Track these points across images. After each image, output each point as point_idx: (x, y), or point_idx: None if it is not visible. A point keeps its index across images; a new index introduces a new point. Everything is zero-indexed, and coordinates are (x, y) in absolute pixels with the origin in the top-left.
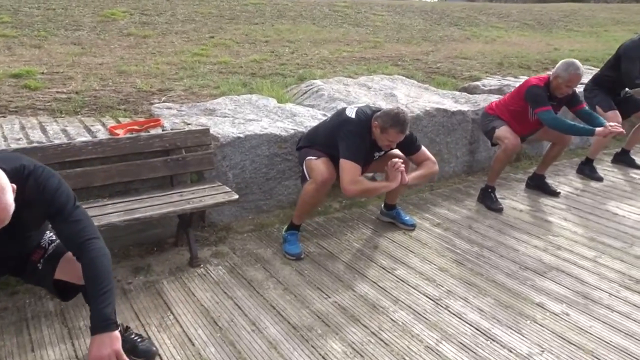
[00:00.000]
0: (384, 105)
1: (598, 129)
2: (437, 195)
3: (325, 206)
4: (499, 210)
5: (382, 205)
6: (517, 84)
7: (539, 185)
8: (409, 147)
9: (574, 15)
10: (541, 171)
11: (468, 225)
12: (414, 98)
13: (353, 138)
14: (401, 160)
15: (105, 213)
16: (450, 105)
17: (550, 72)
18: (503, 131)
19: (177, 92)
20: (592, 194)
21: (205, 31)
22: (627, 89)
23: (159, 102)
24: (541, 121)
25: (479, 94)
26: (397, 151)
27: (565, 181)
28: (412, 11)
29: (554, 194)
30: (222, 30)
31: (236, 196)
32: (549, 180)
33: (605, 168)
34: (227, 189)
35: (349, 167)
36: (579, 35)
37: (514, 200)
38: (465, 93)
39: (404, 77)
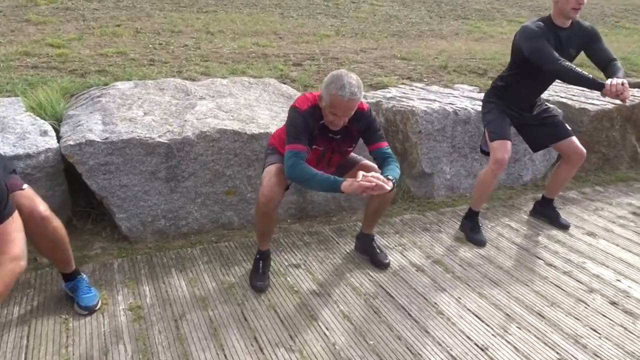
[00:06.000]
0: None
1: (344, 184)
2: (207, 252)
3: None
4: (260, 288)
5: None
6: (428, 95)
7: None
8: None
9: (639, 9)
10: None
11: (180, 315)
12: (222, 112)
13: None
14: None
15: None
16: (265, 123)
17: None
18: (265, 172)
19: None
20: (442, 270)
21: (124, 19)
22: (543, 102)
23: None
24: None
25: None
26: None
27: (426, 243)
28: (423, 1)
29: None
30: (147, 17)
31: None
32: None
33: (509, 223)
34: None
35: None
36: (630, 33)
37: (285, 276)
38: None
39: (275, 82)
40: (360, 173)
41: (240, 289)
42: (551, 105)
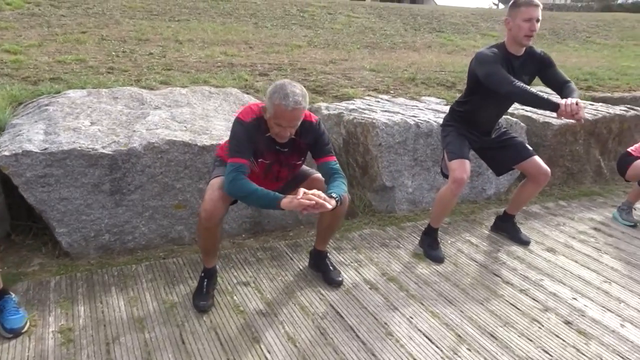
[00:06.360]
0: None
1: (284, 201)
2: (152, 269)
3: None
4: (202, 308)
5: None
6: (392, 107)
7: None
8: None
9: (610, 25)
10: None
11: (113, 338)
12: (175, 122)
13: None
14: None
15: None
16: (219, 134)
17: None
18: (209, 185)
19: None
20: (396, 288)
21: (91, 26)
22: (502, 126)
23: None
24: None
25: None
26: None
27: (383, 259)
28: (399, 14)
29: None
30: (115, 25)
31: None
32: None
33: (470, 238)
34: None
35: None
36: (600, 48)
37: (232, 294)
38: None
39: (238, 91)
40: (301, 190)
41: (182, 309)
42: (512, 119)
